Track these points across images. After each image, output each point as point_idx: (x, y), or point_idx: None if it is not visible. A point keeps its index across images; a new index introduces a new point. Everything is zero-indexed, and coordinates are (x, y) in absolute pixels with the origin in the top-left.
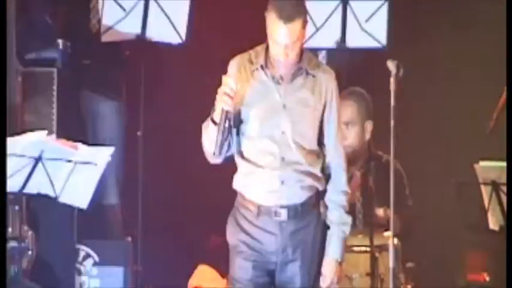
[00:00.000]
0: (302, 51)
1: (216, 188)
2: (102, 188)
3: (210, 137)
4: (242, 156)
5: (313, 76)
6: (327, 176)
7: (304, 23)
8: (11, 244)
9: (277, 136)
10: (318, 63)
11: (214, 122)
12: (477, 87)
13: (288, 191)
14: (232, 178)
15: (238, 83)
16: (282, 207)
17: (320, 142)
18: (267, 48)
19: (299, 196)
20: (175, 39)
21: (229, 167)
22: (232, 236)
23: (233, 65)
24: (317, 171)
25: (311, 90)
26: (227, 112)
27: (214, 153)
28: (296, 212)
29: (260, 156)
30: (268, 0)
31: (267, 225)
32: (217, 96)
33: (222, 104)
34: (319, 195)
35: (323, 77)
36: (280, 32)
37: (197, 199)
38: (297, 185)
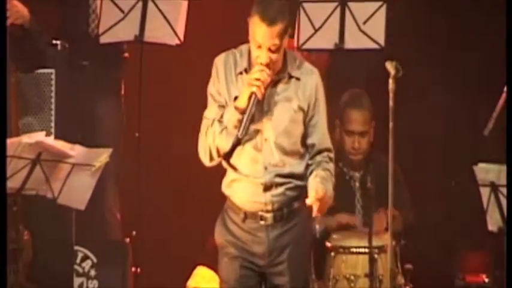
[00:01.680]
0: (285, 55)
1: (214, 190)
2: (101, 190)
3: (227, 129)
4: (228, 162)
5: (297, 79)
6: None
7: (286, 28)
8: (10, 246)
9: (260, 143)
10: (301, 63)
11: (237, 109)
12: (476, 88)
13: (273, 196)
14: None
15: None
16: (267, 211)
17: (304, 143)
18: (250, 51)
19: (284, 199)
20: (173, 40)
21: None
22: (220, 236)
23: (221, 64)
24: (301, 170)
25: (294, 93)
26: (256, 97)
27: (239, 136)
28: (282, 215)
29: (244, 163)
30: (253, 5)
31: (253, 229)
32: (250, 81)
33: (256, 89)
34: (303, 192)
35: (306, 78)
36: (262, 34)
37: (195, 200)
38: (282, 188)
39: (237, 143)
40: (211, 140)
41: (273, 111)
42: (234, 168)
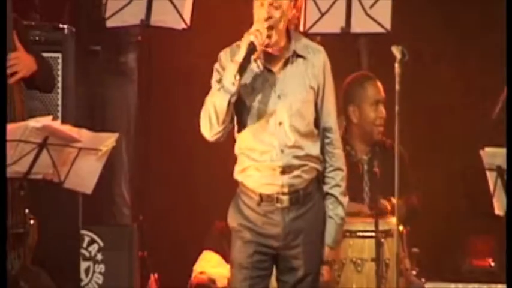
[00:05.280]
0: (289, 33)
1: (222, 174)
2: (112, 174)
3: (224, 87)
4: (241, 149)
5: (304, 58)
6: (325, 154)
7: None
8: (16, 230)
9: (274, 128)
10: (306, 43)
11: (235, 62)
12: (483, 72)
13: (290, 178)
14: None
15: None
16: (284, 194)
17: (317, 122)
18: None
19: (301, 181)
20: (180, 24)
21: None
22: (234, 220)
23: (226, 57)
24: (317, 152)
25: (304, 73)
26: (254, 46)
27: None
28: (298, 197)
29: (259, 149)
30: None
31: (269, 212)
32: (250, 32)
33: (254, 37)
34: (320, 176)
35: (314, 58)
36: (264, 8)
37: (202, 185)
38: (298, 171)
39: (232, 98)
40: (210, 102)
41: (285, 93)
42: (248, 156)
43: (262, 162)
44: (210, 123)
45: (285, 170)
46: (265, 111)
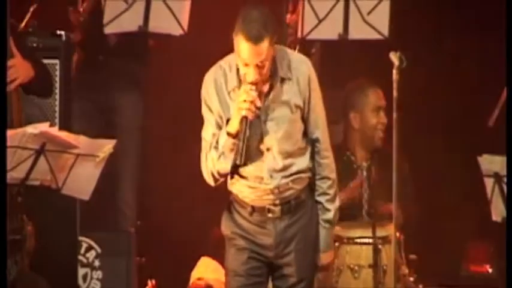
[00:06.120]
0: (274, 58)
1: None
2: (116, 181)
3: (224, 154)
4: (233, 167)
5: (289, 79)
6: (315, 162)
7: (272, 40)
8: (13, 236)
9: (262, 154)
10: (290, 59)
11: (229, 134)
12: (480, 78)
13: (280, 193)
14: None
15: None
16: (275, 205)
17: (305, 133)
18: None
19: (292, 192)
20: (177, 30)
21: None
22: (227, 229)
23: (210, 82)
24: (307, 163)
25: (288, 93)
26: (247, 120)
27: (238, 163)
28: (289, 207)
29: (249, 171)
30: (236, 23)
31: (261, 221)
32: (239, 105)
33: (246, 112)
34: (312, 183)
35: (298, 74)
36: (248, 53)
37: (200, 191)
38: (289, 184)
39: (239, 165)
40: (212, 166)
41: (270, 118)
42: (241, 176)
43: (252, 182)
44: (215, 179)
45: (275, 188)
46: (252, 137)
